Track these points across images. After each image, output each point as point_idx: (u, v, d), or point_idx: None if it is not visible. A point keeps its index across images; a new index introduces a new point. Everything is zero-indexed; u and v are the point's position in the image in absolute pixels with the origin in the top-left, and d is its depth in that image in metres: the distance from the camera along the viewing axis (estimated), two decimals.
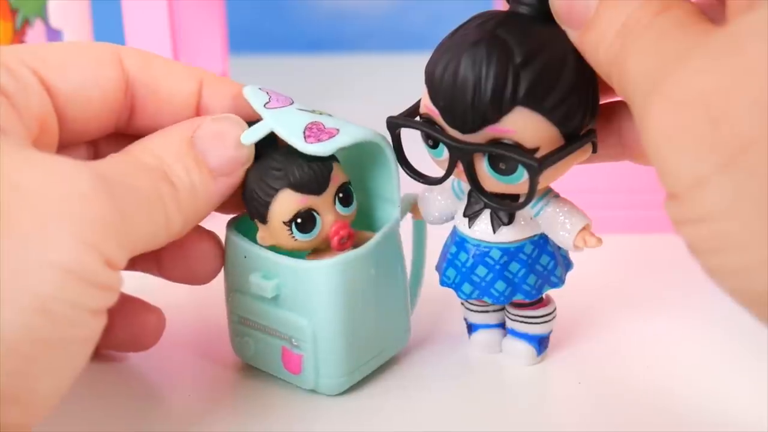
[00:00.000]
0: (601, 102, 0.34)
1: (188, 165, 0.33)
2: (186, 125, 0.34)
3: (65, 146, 0.34)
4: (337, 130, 0.34)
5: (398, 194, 0.37)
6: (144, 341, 0.37)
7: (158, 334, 0.37)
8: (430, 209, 0.37)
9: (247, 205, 0.35)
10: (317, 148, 0.34)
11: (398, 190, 0.37)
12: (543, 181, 0.33)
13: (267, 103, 0.35)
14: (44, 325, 0.26)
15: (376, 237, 0.35)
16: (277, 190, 0.34)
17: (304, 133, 0.34)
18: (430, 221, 0.38)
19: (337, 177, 0.35)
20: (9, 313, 0.26)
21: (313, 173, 0.34)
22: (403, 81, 0.75)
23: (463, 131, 0.32)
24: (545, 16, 0.32)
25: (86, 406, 0.36)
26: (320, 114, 0.35)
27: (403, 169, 0.35)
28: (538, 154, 0.32)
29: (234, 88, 0.36)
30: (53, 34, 0.52)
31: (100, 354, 0.38)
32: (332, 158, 0.35)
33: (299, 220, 0.34)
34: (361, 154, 0.37)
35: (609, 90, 0.33)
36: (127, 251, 0.29)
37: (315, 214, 0.35)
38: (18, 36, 0.49)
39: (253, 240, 0.36)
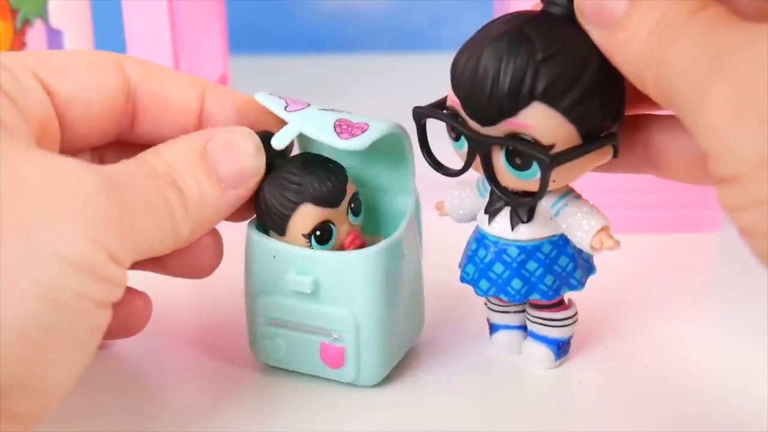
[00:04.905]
0: (628, 113, 0.33)
1: (198, 175, 0.33)
2: (200, 135, 0.34)
3: (70, 153, 0.34)
4: (367, 124, 0.34)
5: (413, 185, 0.37)
6: (132, 326, 0.37)
7: (146, 319, 0.37)
8: (455, 206, 0.37)
9: (263, 217, 0.35)
10: (353, 143, 0.33)
11: (413, 181, 0.37)
12: (560, 181, 0.33)
13: (286, 107, 0.35)
14: (51, 313, 0.27)
15: (401, 226, 0.36)
16: (297, 204, 0.34)
17: (335, 130, 0.34)
18: (455, 218, 0.38)
19: (350, 188, 0.35)
20: (15, 301, 0.27)
21: (332, 186, 0.34)
22: (403, 81, 0.76)
23: (482, 123, 0.32)
24: (576, 17, 0.31)
25: (94, 406, 0.35)
26: (340, 112, 0.35)
27: (425, 158, 0.35)
28: (554, 152, 0.32)
29: (236, 97, 0.37)
30: (53, 34, 0.51)
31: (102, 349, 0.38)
32: (343, 169, 0.35)
33: (318, 233, 0.35)
34: (371, 149, 0.36)
35: (635, 100, 0.33)
36: (132, 251, 0.30)
37: (332, 225, 0.35)
38: (18, 36, 0.49)
39: None
